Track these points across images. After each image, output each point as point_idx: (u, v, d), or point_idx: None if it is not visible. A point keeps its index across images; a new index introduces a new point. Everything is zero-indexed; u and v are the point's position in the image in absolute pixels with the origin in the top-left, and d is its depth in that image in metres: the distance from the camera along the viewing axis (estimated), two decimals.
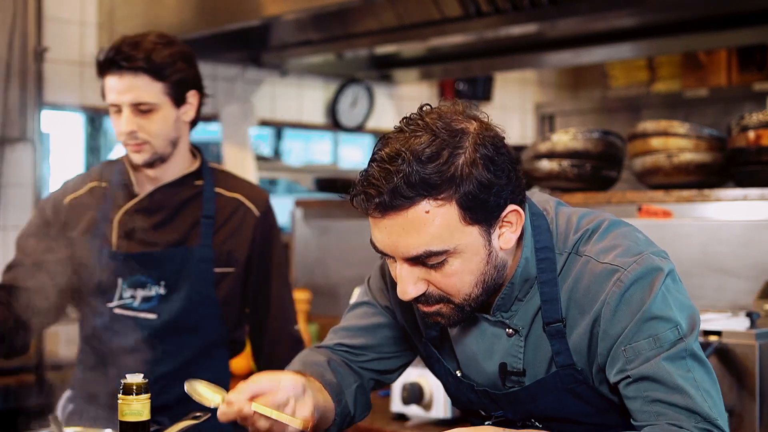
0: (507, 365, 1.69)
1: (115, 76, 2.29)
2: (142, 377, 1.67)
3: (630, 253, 1.60)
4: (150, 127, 2.33)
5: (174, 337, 2.39)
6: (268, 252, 2.49)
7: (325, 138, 6.17)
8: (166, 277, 2.37)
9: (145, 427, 1.66)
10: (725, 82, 5.44)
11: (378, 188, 1.51)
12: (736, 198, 2.82)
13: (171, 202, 2.41)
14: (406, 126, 1.55)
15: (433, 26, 3.84)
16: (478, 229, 1.54)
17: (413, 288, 1.58)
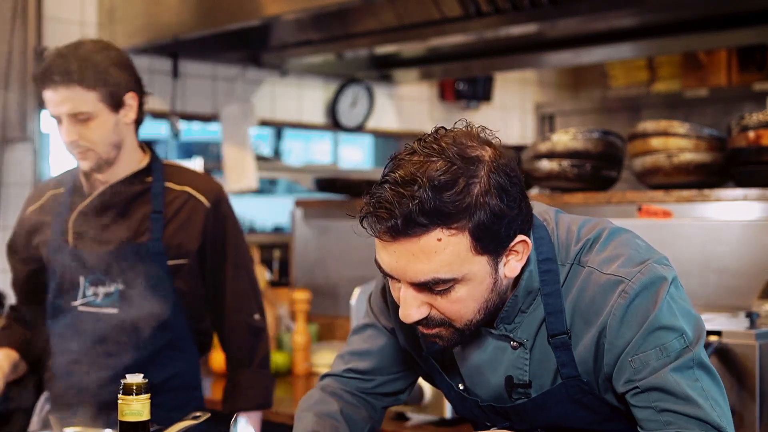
0: (513, 378, 1.69)
1: (50, 90, 2.36)
2: (141, 377, 1.67)
3: (633, 263, 1.60)
4: (90, 135, 2.39)
5: (137, 330, 2.44)
6: (221, 242, 2.53)
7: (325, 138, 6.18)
8: (123, 274, 2.43)
9: (145, 427, 1.66)
10: (725, 82, 5.44)
11: (390, 212, 1.49)
12: (736, 198, 2.82)
13: (121, 199, 2.47)
14: (421, 149, 1.53)
15: (433, 26, 3.84)
16: (487, 259, 1.54)
17: (416, 311, 1.57)
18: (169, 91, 4.64)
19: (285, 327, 3.90)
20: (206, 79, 4.87)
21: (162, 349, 2.48)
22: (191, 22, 4.05)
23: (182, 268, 2.47)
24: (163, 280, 2.45)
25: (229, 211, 2.57)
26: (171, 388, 2.50)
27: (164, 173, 2.52)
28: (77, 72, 2.34)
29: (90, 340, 2.44)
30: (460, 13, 3.63)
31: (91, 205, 2.48)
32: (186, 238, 2.47)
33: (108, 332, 2.43)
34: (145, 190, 2.49)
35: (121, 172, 2.47)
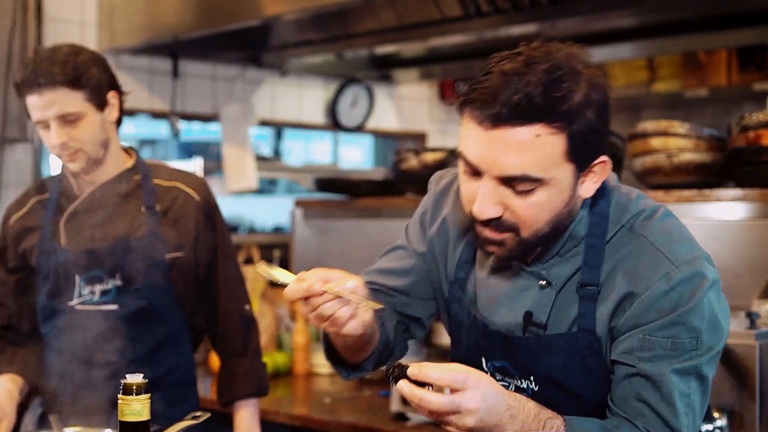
0: (533, 315, 1.68)
1: (35, 95, 2.36)
2: (141, 377, 1.67)
3: (685, 251, 1.61)
4: (79, 135, 2.40)
5: (136, 325, 2.46)
6: (212, 234, 2.56)
7: (325, 138, 6.18)
8: (120, 269, 2.45)
9: (145, 427, 1.66)
10: (725, 82, 5.44)
11: (497, 99, 1.51)
12: (736, 198, 2.82)
13: (112, 198, 2.49)
14: (527, 50, 1.55)
15: (433, 26, 3.84)
16: (573, 169, 1.56)
17: (492, 208, 1.58)
18: (169, 91, 4.64)
19: (285, 327, 3.90)
20: (206, 79, 4.87)
21: (160, 345, 2.50)
22: (191, 22, 4.05)
23: (178, 261, 2.50)
24: (160, 274, 2.47)
25: (216, 204, 2.62)
26: (169, 383, 2.52)
27: (151, 171, 2.56)
28: (61, 73, 2.35)
29: (89, 338, 2.45)
30: (460, 13, 3.63)
31: (82, 205, 2.49)
32: (181, 232, 2.50)
33: (107, 329, 2.44)
34: (135, 187, 2.51)
35: (109, 171, 2.49)
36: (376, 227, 3.84)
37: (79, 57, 2.39)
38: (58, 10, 4.30)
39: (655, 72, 5.76)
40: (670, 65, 5.69)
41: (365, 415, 2.98)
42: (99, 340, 2.45)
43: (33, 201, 2.58)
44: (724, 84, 5.44)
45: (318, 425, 2.97)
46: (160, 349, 2.51)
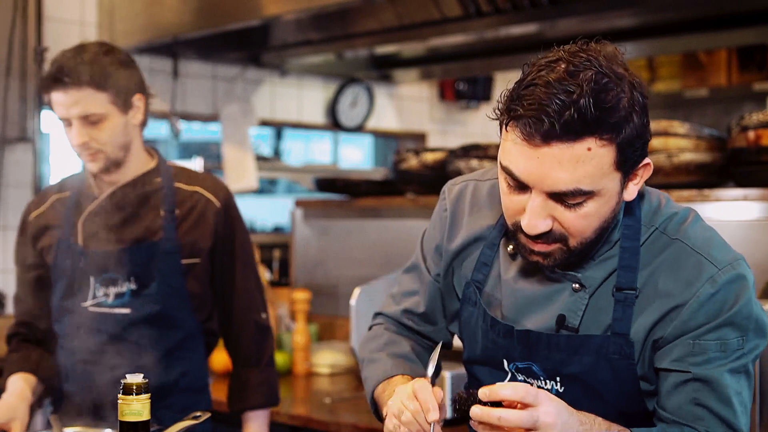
0: (566, 318, 1.66)
1: (60, 92, 2.34)
2: (142, 377, 1.67)
3: (724, 252, 1.62)
4: (101, 136, 2.38)
5: (149, 330, 2.44)
6: (231, 241, 2.54)
7: (325, 138, 6.18)
8: (135, 273, 2.43)
9: (145, 427, 1.66)
10: (725, 82, 5.44)
11: (547, 114, 1.46)
12: (736, 198, 2.82)
13: (131, 199, 2.47)
14: (568, 57, 1.51)
15: (433, 26, 3.84)
16: (620, 177, 1.54)
17: (543, 223, 1.55)
18: (169, 91, 4.64)
19: (285, 327, 3.90)
20: (206, 79, 4.87)
21: (173, 350, 2.48)
22: (191, 22, 4.05)
23: (195, 267, 2.47)
24: (176, 279, 2.45)
25: (237, 211, 2.59)
26: (181, 388, 2.50)
27: (173, 174, 2.53)
28: (88, 73, 2.33)
29: (101, 341, 2.43)
30: (460, 13, 3.63)
31: (101, 205, 2.47)
32: (198, 237, 2.48)
33: (119, 332, 2.43)
34: (155, 190, 2.49)
35: (129, 173, 2.47)
36: (376, 227, 3.84)
37: (107, 58, 2.38)
38: (58, 10, 4.30)
39: (655, 72, 5.76)
40: (670, 65, 5.69)
41: (365, 415, 2.98)
42: (110, 343, 2.43)
43: (53, 199, 2.56)
44: (724, 84, 5.44)
45: (318, 425, 2.97)
46: (172, 355, 2.48)
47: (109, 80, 2.36)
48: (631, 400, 1.67)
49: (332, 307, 3.96)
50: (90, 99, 2.34)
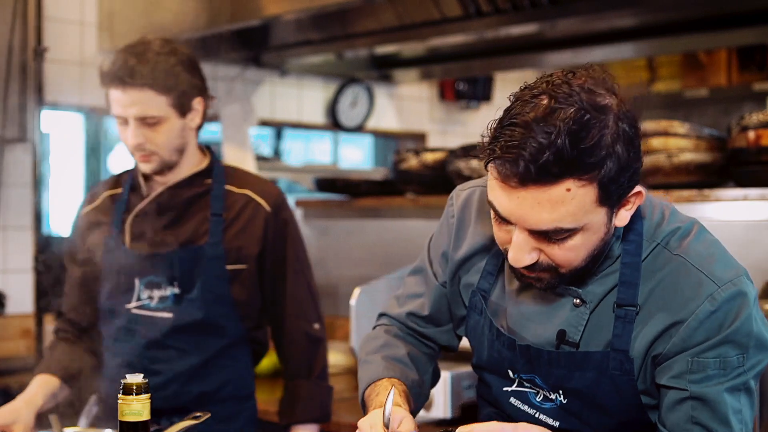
0: (566, 333, 1.66)
1: (119, 90, 2.29)
2: (142, 377, 1.67)
3: (725, 269, 1.60)
4: (157, 139, 2.33)
5: (191, 336, 2.39)
6: (281, 248, 2.46)
7: (325, 138, 6.17)
8: (179, 277, 2.38)
9: (145, 427, 1.66)
10: (725, 82, 5.44)
11: (522, 157, 1.43)
12: (736, 198, 2.82)
13: (179, 201, 2.42)
14: (550, 92, 1.47)
15: (433, 26, 3.84)
16: (606, 210, 1.53)
17: (528, 257, 1.55)
18: None
19: None
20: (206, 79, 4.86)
21: (216, 357, 2.42)
22: (191, 22, 4.05)
23: (241, 273, 2.41)
24: (220, 285, 2.39)
25: (290, 216, 2.50)
26: (223, 397, 2.45)
27: (224, 176, 2.46)
28: (150, 75, 2.27)
29: (142, 344, 2.40)
30: (460, 13, 3.63)
31: (149, 206, 2.43)
32: (246, 243, 2.41)
33: (160, 337, 2.38)
34: (204, 192, 2.43)
35: (181, 174, 2.42)
36: (376, 227, 3.84)
37: (172, 59, 2.32)
38: (58, 11, 4.29)
39: (655, 72, 5.76)
40: (670, 65, 5.69)
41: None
42: (150, 347, 2.39)
43: (105, 195, 2.52)
44: (724, 84, 5.44)
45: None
46: (214, 362, 2.42)
47: (171, 84, 2.30)
48: (634, 413, 1.66)
49: (332, 307, 3.96)
50: (150, 101, 2.29)
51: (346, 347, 3.66)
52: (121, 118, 2.32)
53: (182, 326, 2.38)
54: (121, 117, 2.32)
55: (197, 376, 2.40)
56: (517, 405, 1.75)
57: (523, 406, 1.75)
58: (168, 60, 2.31)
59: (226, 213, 2.41)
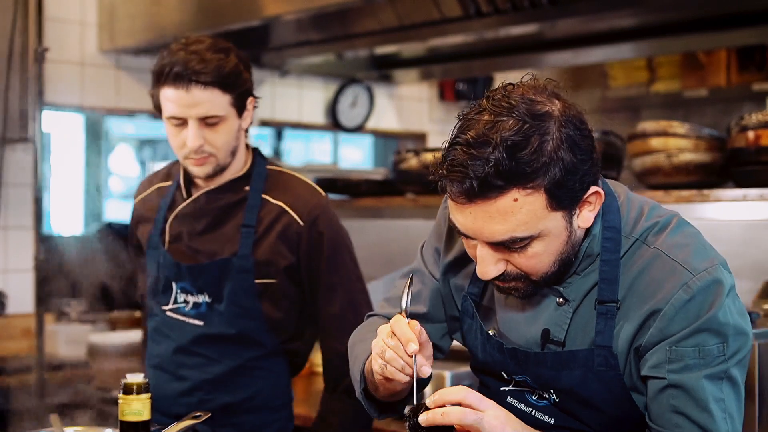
0: (550, 332, 1.68)
1: (182, 90, 2.22)
2: (142, 377, 1.67)
3: (701, 258, 1.61)
4: (216, 140, 2.28)
5: (219, 345, 2.36)
6: (316, 263, 2.37)
7: (325, 138, 6.18)
8: (208, 288, 2.35)
9: (145, 426, 1.67)
10: (724, 83, 5.45)
11: (465, 175, 1.48)
12: (735, 198, 2.82)
13: (214, 208, 2.37)
14: (490, 107, 1.52)
15: (433, 26, 3.84)
16: (562, 214, 1.55)
17: (493, 268, 1.58)
18: None
19: None
20: None
21: (244, 368, 2.37)
22: (191, 23, 4.06)
23: (271, 287, 2.35)
24: (249, 298, 2.33)
25: (328, 228, 2.38)
26: (250, 408, 2.40)
27: (264, 182, 2.39)
28: (216, 74, 2.22)
29: (171, 349, 2.38)
30: (460, 14, 3.63)
31: (186, 209, 2.39)
32: (276, 257, 2.34)
33: (187, 344, 2.36)
34: (241, 199, 2.36)
35: (223, 178, 2.36)
36: (376, 227, 3.85)
37: (230, 58, 2.26)
38: (58, 10, 4.30)
39: (655, 72, 5.77)
40: (670, 65, 5.69)
41: None
42: (178, 353, 2.37)
43: (156, 186, 2.49)
44: (723, 84, 5.44)
45: None
46: (243, 372, 2.37)
47: (235, 83, 2.26)
48: (624, 407, 1.67)
49: None
50: (214, 100, 2.24)
51: None
52: (178, 119, 2.25)
53: (211, 335, 2.35)
54: (179, 118, 2.25)
55: (223, 385, 2.36)
56: (514, 404, 1.76)
57: (519, 404, 1.76)
58: (227, 59, 2.26)
59: (258, 224, 2.35)
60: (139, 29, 4.28)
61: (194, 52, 2.22)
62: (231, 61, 2.26)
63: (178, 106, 2.23)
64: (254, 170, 2.40)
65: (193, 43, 2.26)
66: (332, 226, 2.40)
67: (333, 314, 2.40)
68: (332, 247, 2.39)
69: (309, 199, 2.39)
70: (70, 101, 4.36)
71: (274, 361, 2.42)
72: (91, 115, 4.75)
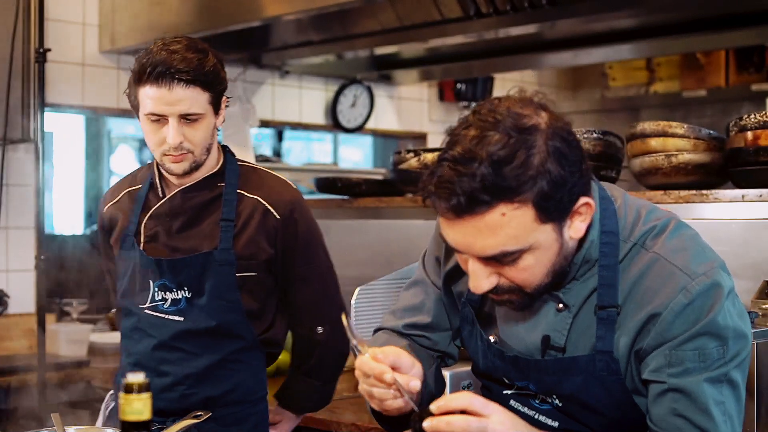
0: (550, 338, 1.68)
1: (164, 88, 2.26)
2: (143, 376, 1.67)
3: (699, 261, 1.60)
4: (195, 137, 2.32)
5: (200, 340, 2.40)
6: (290, 256, 2.45)
7: (325, 138, 6.19)
8: (189, 283, 2.39)
9: (146, 426, 1.67)
10: (723, 83, 5.46)
11: (452, 191, 1.49)
12: (734, 198, 2.83)
13: (191, 205, 2.41)
14: (476, 122, 1.52)
15: (433, 27, 3.85)
16: (552, 226, 1.54)
17: (486, 282, 1.59)
18: None
19: None
20: None
21: (225, 361, 2.43)
22: (192, 23, 4.06)
23: (251, 280, 2.41)
24: (230, 292, 2.39)
25: (303, 222, 2.47)
26: (230, 401, 2.45)
27: (238, 178, 2.44)
28: (198, 72, 2.27)
29: (151, 345, 2.41)
30: (460, 14, 3.64)
31: (161, 209, 2.43)
32: (255, 250, 2.40)
33: (169, 339, 2.40)
34: (217, 195, 2.42)
35: (199, 175, 2.41)
36: (376, 227, 3.85)
37: (209, 58, 2.32)
38: (59, 12, 4.31)
39: (654, 72, 5.78)
40: (669, 66, 5.71)
41: (365, 414, 2.99)
42: (159, 349, 2.41)
43: (125, 191, 2.52)
44: (722, 85, 5.46)
45: (318, 424, 2.98)
46: (223, 366, 2.43)
47: (214, 80, 2.32)
48: (626, 410, 1.68)
49: None
50: (195, 98, 2.28)
51: None
52: (158, 116, 2.29)
53: (192, 330, 2.39)
54: (159, 115, 2.29)
55: (205, 379, 2.40)
56: (517, 407, 1.77)
57: (522, 408, 1.77)
58: (208, 58, 2.32)
59: (237, 219, 2.40)
60: (139, 30, 4.29)
61: (175, 52, 2.28)
62: (210, 60, 2.32)
63: (160, 103, 2.28)
64: (227, 167, 2.45)
65: (171, 44, 2.31)
66: (307, 220, 2.48)
67: (306, 304, 2.51)
68: (307, 239, 2.48)
69: (284, 193, 2.47)
70: (71, 102, 4.37)
71: (252, 354, 2.47)
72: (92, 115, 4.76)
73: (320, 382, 2.61)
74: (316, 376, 2.60)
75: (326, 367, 2.61)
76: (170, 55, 2.26)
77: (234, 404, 2.45)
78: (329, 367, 2.61)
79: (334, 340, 2.56)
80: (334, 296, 2.59)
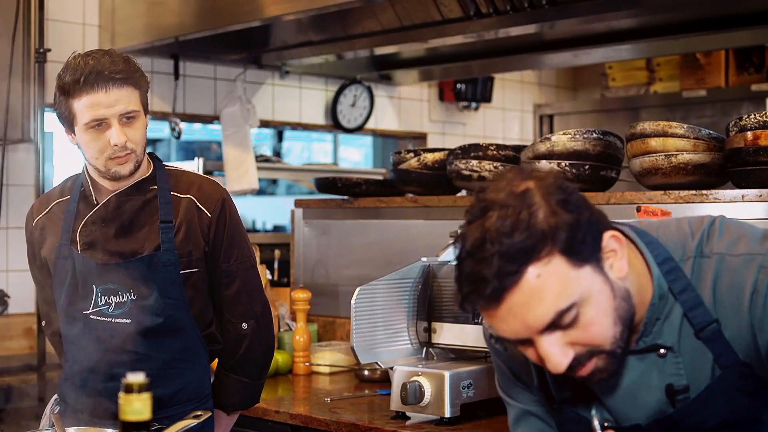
0: (673, 385, 1.65)
1: (101, 92, 2.34)
2: (143, 376, 1.67)
3: (757, 239, 1.62)
4: (135, 136, 2.40)
5: (149, 340, 2.44)
6: (219, 252, 2.53)
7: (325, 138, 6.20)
8: (134, 285, 2.43)
9: (146, 426, 1.67)
10: (723, 83, 5.47)
11: (482, 279, 1.49)
12: (734, 198, 2.83)
13: (128, 209, 2.46)
14: (473, 211, 1.54)
15: (433, 27, 3.85)
16: (590, 269, 1.53)
17: (564, 357, 1.55)
18: (171, 92, 4.65)
19: (286, 326, 3.91)
20: (207, 80, 4.88)
21: (174, 360, 2.48)
22: (192, 24, 4.07)
23: (193, 276, 2.48)
24: (176, 290, 2.45)
25: (230, 219, 2.56)
26: (182, 399, 2.50)
27: (169, 181, 2.52)
28: (127, 72, 2.37)
29: (101, 350, 2.44)
30: (460, 15, 3.64)
31: (96, 215, 2.47)
32: (194, 248, 2.48)
33: (119, 343, 2.43)
34: (151, 198, 2.48)
35: (131, 180, 2.47)
36: (376, 227, 3.86)
37: (129, 59, 2.43)
38: (60, 12, 4.31)
39: (654, 73, 5.78)
40: (669, 66, 5.71)
41: (365, 414, 2.99)
42: (110, 353, 2.43)
43: (54, 203, 2.56)
44: (722, 85, 5.46)
45: (318, 424, 2.98)
46: (174, 365, 2.48)
47: (142, 80, 2.43)
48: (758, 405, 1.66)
49: (332, 307, 3.98)
50: (130, 96, 2.37)
51: (346, 347, 3.68)
52: (99, 121, 2.35)
53: (140, 331, 2.43)
54: (100, 119, 2.35)
55: (157, 379, 2.39)
56: None
57: None
58: (129, 60, 2.42)
59: (174, 219, 2.47)
60: (139, 30, 4.29)
61: (98, 58, 2.37)
62: (132, 61, 2.43)
63: (100, 107, 2.35)
64: (157, 172, 2.53)
65: (90, 54, 2.40)
66: (234, 217, 2.58)
67: (230, 297, 2.57)
68: (233, 236, 2.56)
69: (213, 192, 2.55)
70: None
71: (198, 352, 2.54)
72: None
73: (248, 379, 2.63)
74: (243, 372, 2.62)
75: (252, 362, 2.63)
76: (97, 62, 2.35)
77: (183, 403, 2.50)
78: (256, 363, 2.64)
79: (260, 335, 2.61)
80: (259, 292, 2.64)
